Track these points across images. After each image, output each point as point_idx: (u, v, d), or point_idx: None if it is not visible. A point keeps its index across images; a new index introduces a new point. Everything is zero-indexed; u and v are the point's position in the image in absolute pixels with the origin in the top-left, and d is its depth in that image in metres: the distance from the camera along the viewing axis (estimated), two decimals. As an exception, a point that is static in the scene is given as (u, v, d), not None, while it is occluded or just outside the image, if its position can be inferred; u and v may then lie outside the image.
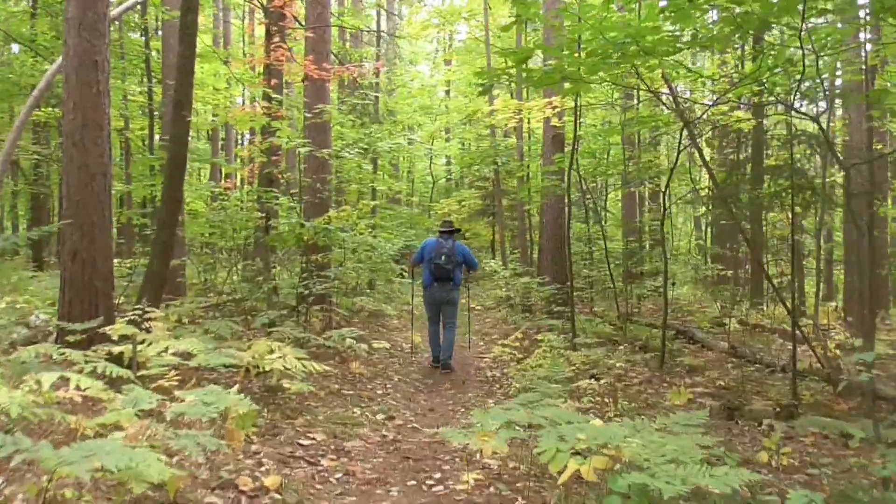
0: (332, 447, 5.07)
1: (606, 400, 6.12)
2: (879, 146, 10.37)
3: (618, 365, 7.51)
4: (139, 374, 4.94)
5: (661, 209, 8.60)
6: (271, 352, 5.83)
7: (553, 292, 10.65)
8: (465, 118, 20.85)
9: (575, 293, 12.06)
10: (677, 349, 10.78)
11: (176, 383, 5.11)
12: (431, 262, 8.38)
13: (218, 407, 3.71)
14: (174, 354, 5.11)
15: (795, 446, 5.95)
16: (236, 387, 4.37)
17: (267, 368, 5.31)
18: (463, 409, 6.68)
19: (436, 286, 8.47)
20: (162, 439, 3.22)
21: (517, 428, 3.63)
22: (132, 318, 5.91)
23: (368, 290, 13.75)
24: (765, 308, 15.76)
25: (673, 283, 13.34)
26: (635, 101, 13.37)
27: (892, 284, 17.64)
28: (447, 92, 28.09)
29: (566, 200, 9.55)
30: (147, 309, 5.91)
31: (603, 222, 12.57)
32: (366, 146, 14.34)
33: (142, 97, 15.01)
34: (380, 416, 6.16)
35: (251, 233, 10.30)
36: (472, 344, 10.83)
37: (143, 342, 5.46)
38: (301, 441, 5.09)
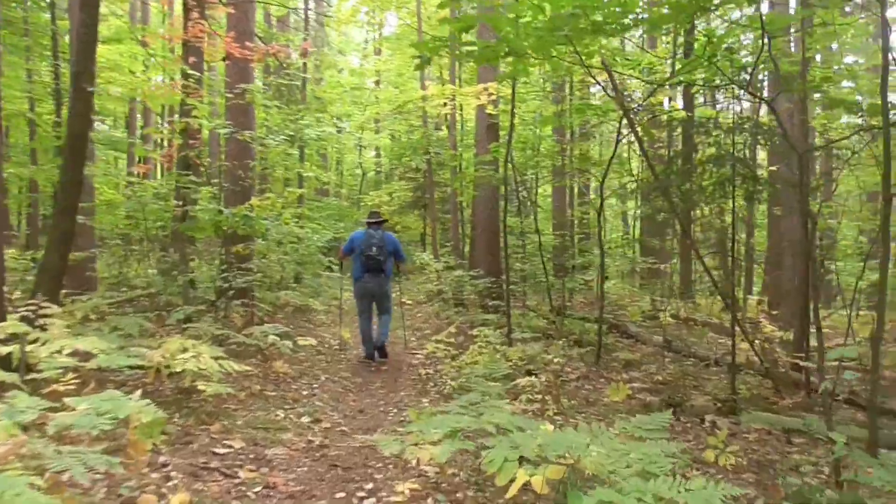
0: (252, 455, 4.59)
1: (546, 398, 5.81)
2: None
3: (555, 360, 7.24)
4: (28, 377, 4.35)
5: (599, 200, 8.40)
6: (184, 350, 5.29)
7: (487, 286, 10.35)
8: (396, 108, 20.41)
9: (513, 287, 11.81)
10: (612, 343, 10.66)
11: (73, 387, 4.53)
12: (362, 255, 8.20)
13: (115, 415, 3.20)
14: (72, 355, 4.53)
15: (740, 443, 5.80)
16: (139, 391, 3.84)
17: (179, 369, 4.77)
18: (395, 410, 6.27)
19: (367, 277, 8.27)
20: (40, 459, 2.70)
21: (462, 437, 3.23)
22: (25, 314, 5.28)
23: (294, 284, 13.17)
24: (695, 302, 15.95)
25: (606, 277, 13.25)
26: (568, 93, 13.20)
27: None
28: (377, 82, 27.48)
29: (500, 192, 9.23)
30: (42, 304, 5.28)
31: (535, 215, 12.35)
32: (292, 133, 13.71)
33: (48, 77, 13.94)
34: (305, 419, 5.70)
35: (167, 222, 9.62)
36: (405, 340, 10.43)
37: (35, 341, 4.84)
38: (216, 449, 4.59)
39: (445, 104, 9.64)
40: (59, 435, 3.03)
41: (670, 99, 8.56)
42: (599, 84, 7.16)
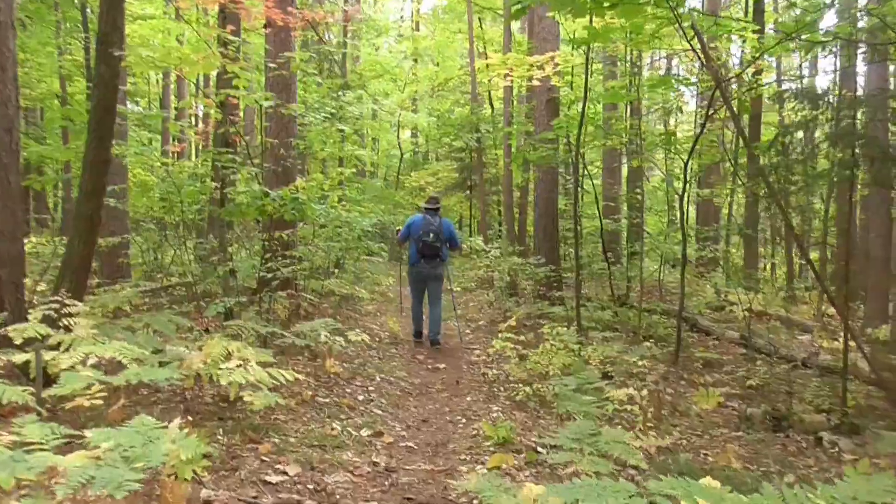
0: (311, 485, 3.85)
1: (647, 415, 5.00)
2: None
3: (639, 363, 6.40)
4: (48, 392, 3.65)
5: (683, 183, 7.50)
6: (228, 356, 4.56)
7: (548, 274, 9.52)
8: (440, 84, 19.49)
9: (565, 275, 10.96)
10: (683, 339, 9.79)
11: (100, 401, 3.81)
12: (420, 240, 8.27)
13: (147, 462, 2.46)
14: (95, 366, 3.81)
15: (873, 472, 4.94)
16: (177, 420, 3.10)
17: (224, 382, 4.04)
18: (464, 420, 5.50)
19: (423, 263, 8.35)
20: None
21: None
22: (47, 312, 4.59)
23: (336, 271, 12.46)
24: (762, 294, 14.92)
25: (673, 266, 12.34)
26: (626, 66, 12.23)
27: None
28: (415, 60, 26.60)
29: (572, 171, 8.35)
30: (66, 301, 4.59)
31: (597, 199, 11.48)
32: (333, 110, 12.94)
33: (79, 54, 13.32)
34: (365, 433, 4.95)
35: (205, 205, 8.93)
36: (460, 332, 9.65)
37: (57, 346, 4.15)
38: (268, 477, 3.85)
39: (506, 75, 8.77)
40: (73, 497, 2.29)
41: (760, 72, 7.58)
42: (692, 50, 6.25)
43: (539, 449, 4.61)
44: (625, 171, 18.09)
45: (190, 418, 4.35)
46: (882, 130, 6.51)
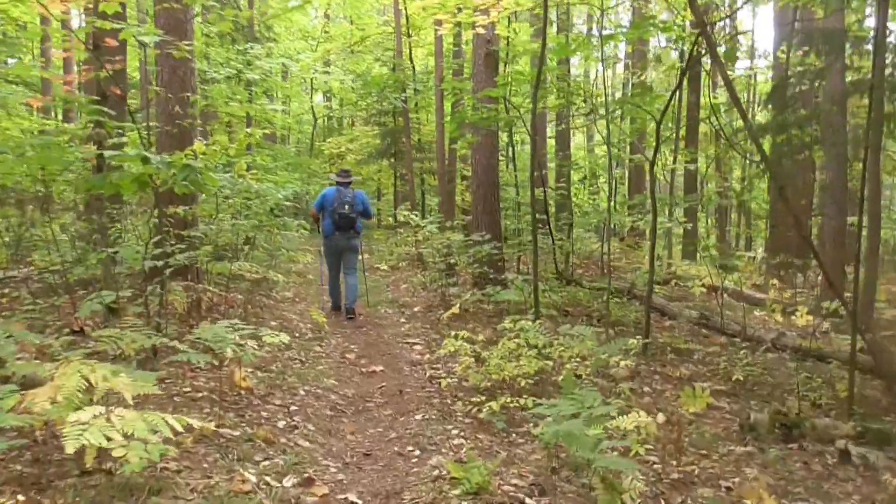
0: None
1: (667, 449, 3.90)
2: None
3: (622, 364, 5.32)
4: None
5: (655, 147, 6.43)
6: (88, 389, 3.18)
7: (492, 252, 8.34)
8: (356, 43, 17.90)
9: (507, 250, 9.86)
10: (637, 319, 8.86)
11: None
12: (334, 213, 8.35)
13: None
14: None
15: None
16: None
17: (71, 449, 2.66)
18: (417, 452, 4.27)
19: (338, 235, 8.45)
20: None
21: None
22: None
23: (247, 249, 10.95)
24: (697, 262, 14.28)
25: (635, 241, 11.41)
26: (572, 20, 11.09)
27: None
28: (326, 16, 24.70)
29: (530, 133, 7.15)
30: None
31: (541, 167, 10.39)
32: (240, 66, 11.30)
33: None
34: (290, 482, 3.66)
35: (81, 174, 7.29)
36: (389, 319, 8.38)
37: None
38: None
39: (441, 22, 7.45)
40: None
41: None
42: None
43: (529, 502, 3.44)
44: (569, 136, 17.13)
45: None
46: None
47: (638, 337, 6.21)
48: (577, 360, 5.35)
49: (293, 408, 4.85)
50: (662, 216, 15.06)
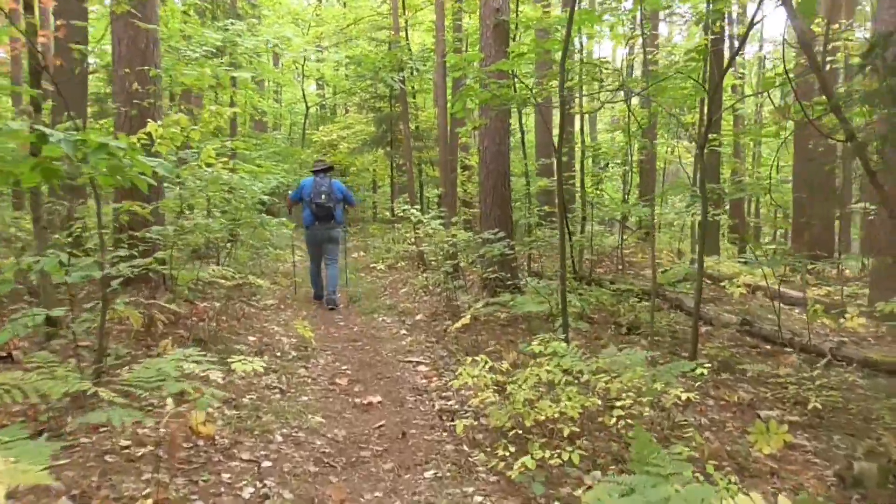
0: None
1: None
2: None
3: (683, 396, 4.22)
4: None
5: (704, 127, 5.31)
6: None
7: (504, 251, 7.21)
8: (349, 25, 16.71)
9: (517, 247, 8.75)
10: (669, 325, 7.77)
11: None
12: (312, 202, 8.36)
13: None
14: None
15: None
16: None
17: None
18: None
19: (317, 225, 8.46)
20: None
21: None
22: None
23: (229, 246, 9.83)
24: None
25: (647, 233, 10.31)
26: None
27: None
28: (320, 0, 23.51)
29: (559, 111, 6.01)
30: None
31: (526, 150, 9.26)
32: (218, 42, 10.11)
33: None
34: None
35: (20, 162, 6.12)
36: (388, 329, 7.26)
37: None
38: None
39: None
40: None
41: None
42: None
43: None
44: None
45: None
46: None
47: (657, 340, 5.10)
48: (630, 393, 4.23)
49: (265, 464, 3.73)
50: (669, 208, 13.98)
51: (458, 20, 11.03)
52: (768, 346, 7.40)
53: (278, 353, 5.97)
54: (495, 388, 4.46)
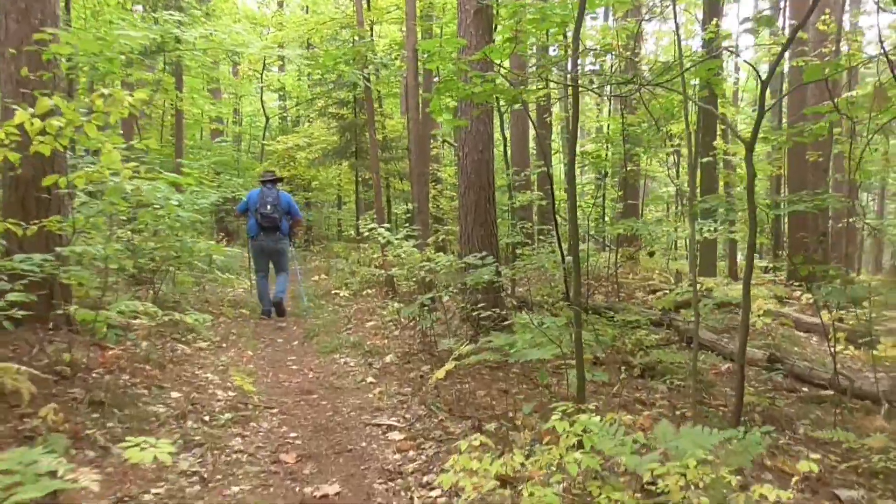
0: None
1: None
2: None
3: (758, 494, 2.96)
4: None
5: (754, 126, 4.11)
6: None
7: (492, 277, 5.93)
8: (312, 30, 15.42)
9: (505, 271, 7.51)
10: (680, 363, 6.55)
11: None
12: (257, 212, 8.31)
13: None
14: None
15: None
16: None
17: None
18: None
19: (262, 236, 8.40)
20: None
21: None
22: None
23: (173, 268, 8.43)
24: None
25: (651, 253, 9.13)
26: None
27: None
28: (280, 3, 22.18)
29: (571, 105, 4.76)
30: None
31: (549, 162, 8.03)
32: (157, 37, 8.74)
33: None
34: None
35: None
36: (351, 376, 5.92)
37: None
38: None
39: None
40: None
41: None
42: None
43: None
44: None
45: None
46: None
47: (676, 384, 3.89)
48: (694, 488, 2.96)
49: None
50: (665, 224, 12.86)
51: (430, 13, 9.83)
52: (805, 388, 6.23)
53: (206, 416, 4.59)
54: (497, 482, 3.17)
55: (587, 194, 18.97)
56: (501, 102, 7.40)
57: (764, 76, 4.13)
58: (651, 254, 8.82)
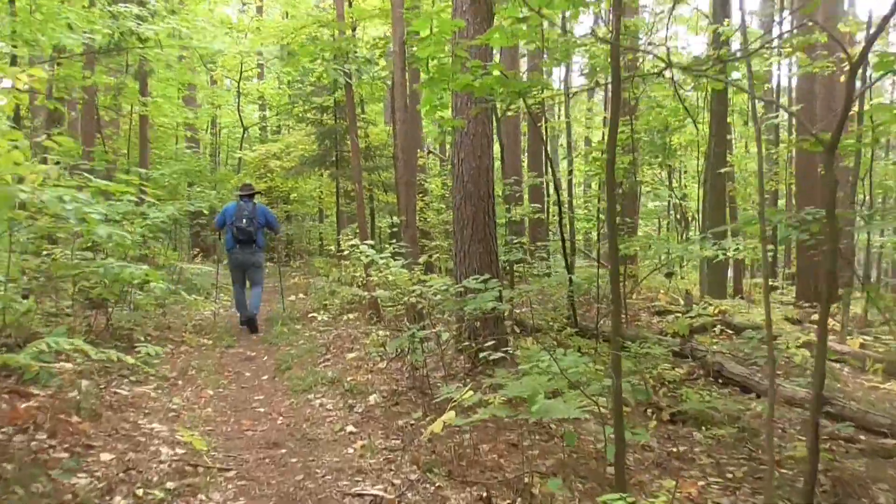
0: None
1: None
2: None
3: None
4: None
5: (838, 124, 3.23)
6: None
7: (497, 305, 4.99)
8: (291, 35, 14.44)
9: (507, 294, 6.55)
10: (711, 402, 5.63)
11: None
12: (234, 226, 8.37)
13: None
14: None
15: None
16: None
17: None
18: None
19: (238, 249, 8.47)
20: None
21: None
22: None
23: (139, 293, 7.44)
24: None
25: (670, 273, 8.24)
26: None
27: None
28: (259, 9, 21.27)
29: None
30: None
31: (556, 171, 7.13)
32: (112, 31, 7.78)
33: None
34: None
35: None
36: (328, 422, 4.94)
37: None
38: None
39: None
40: None
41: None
42: None
43: None
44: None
45: None
46: None
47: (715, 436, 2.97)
48: None
49: None
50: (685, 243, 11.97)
51: (418, 3, 8.95)
52: (862, 435, 5.33)
53: (141, 489, 3.60)
54: None
55: (579, 207, 18.15)
56: (498, 103, 6.48)
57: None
58: (669, 274, 7.92)
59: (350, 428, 4.77)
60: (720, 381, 6.53)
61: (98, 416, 4.56)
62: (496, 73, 4.74)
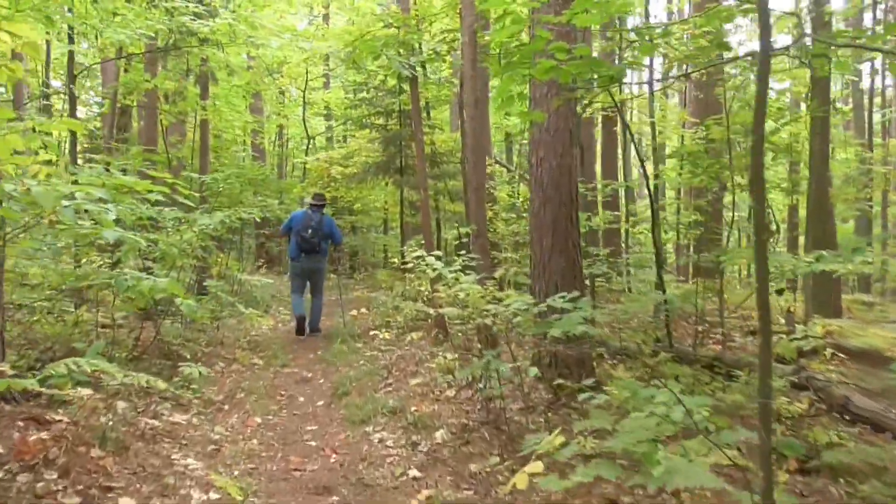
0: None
1: None
2: None
3: None
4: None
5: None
6: None
7: (586, 329, 4.20)
8: (356, 41, 13.96)
9: (599, 315, 5.72)
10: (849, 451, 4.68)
11: None
12: (298, 234, 8.43)
13: None
14: None
15: None
16: None
17: None
18: None
19: (303, 258, 8.53)
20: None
21: None
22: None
23: (168, 314, 6.95)
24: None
25: (780, 290, 7.28)
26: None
27: None
28: (325, 17, 20.98)
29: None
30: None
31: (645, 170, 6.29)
32: (170, 28, 7.35)
33: None
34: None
35: None
36: (388, 463, 4.23)
37: None
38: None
39: None
40: None
41: None
42: None
43: None
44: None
45: None
46: None
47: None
48: None
49: None
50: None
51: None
52: None
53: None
54: None
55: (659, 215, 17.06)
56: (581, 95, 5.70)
57: None
58: (780, 291, 6.97)
59: (413, 472, 4.04)
60: (846, 416, 5.54)
61: (125, 449, 3.96)
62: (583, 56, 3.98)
